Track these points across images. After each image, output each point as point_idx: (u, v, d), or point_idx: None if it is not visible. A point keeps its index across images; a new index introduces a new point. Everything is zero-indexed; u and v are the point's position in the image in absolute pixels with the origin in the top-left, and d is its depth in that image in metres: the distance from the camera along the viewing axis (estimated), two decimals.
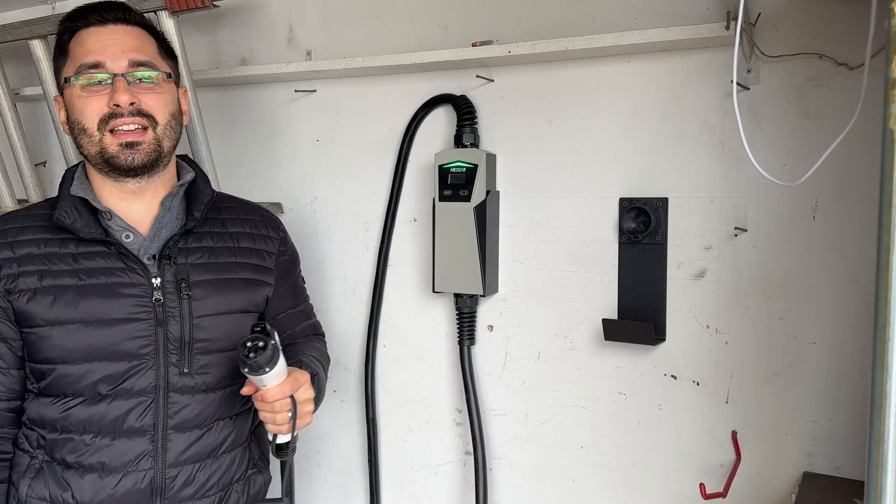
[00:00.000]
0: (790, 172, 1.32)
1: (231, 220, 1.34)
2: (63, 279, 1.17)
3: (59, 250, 1.19)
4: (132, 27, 1.24)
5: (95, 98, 1.18)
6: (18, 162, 1.99)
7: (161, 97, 1.22)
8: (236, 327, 1.27)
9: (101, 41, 1.20)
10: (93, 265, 1.18)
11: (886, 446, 0.77)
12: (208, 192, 1.31)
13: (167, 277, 1.21)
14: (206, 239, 1.28)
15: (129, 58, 1.20)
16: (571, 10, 1.50)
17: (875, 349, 0.78)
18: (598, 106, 1.49)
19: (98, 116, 1.18)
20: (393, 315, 1.76)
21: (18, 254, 1.18)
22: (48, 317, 1.15)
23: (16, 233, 1.20)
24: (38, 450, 1.20)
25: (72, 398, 1.18)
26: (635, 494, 1.52)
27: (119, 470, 1.18)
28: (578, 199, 1.53)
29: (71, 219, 1.19)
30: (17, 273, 1.17)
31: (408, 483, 1.78)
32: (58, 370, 1.17)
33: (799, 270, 1.34)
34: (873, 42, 1.03)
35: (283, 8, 1.84)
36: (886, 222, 0.77)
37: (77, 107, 1.19)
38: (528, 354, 1.61)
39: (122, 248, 1.20)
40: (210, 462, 1.24)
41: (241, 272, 1.30)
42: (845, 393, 1.32)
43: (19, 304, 1.16)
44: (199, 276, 1.24)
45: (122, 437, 1.18)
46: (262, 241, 1.36)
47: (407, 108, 1.69)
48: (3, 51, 1.98)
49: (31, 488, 1.18)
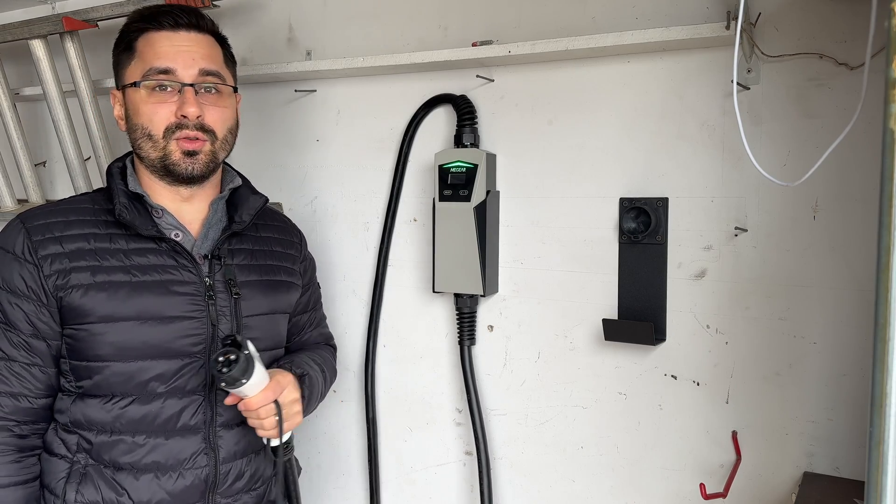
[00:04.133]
0: (790, 172, 1.32)
1: (262, 225, 1.36)
2: (116, 275, 1.16)
3: (110, 245, 1.18)
4: (203, 34, 1.23)
5: (164, 105, 1.18)
6: (18, 162, 1.99)
7: (223, 112, 1.24)
8: (276, 327, 1.32)
9: (174, 46, 1.19)
10: (145, 262, 1.18)
11: (886, 446, 0.77)
12: (260, 198, 1.32)
13: (217, 277, 1.22)
14: (247, 241, 1.31)
15: (199, 66, 1.20)
16: (571, 10, 1.50)
17: (875, 349, 0.78)
18: (598, 106, 1.49)
19: (165, 125, 1.18)
20: (393, 315, 1.76)
21: (68, 248, 1.16)
22: (103, 313, 1.14)
23: (62, 227, 1.18)
24: (81, 453, 1.18)
25: (122, 398, 1.17)
26: (635, 494, 1.52)
27: (175, 468, 1.18)
28: (578, 199, 1.53)
29: (131, 215, 1.18)
30: (69, 268, 1.14)
31: (408, 483, 1.78)
32: (110, 368, 1.15)
33: (799, 270, 1.34)
34: (873, 42, 1.03)
35: (283, 8, 1.84)
36: (886, 222, 0.77)
37: (144, 112, 1.19)
38: (528, 354, 1.61)
39: (176, 245, 1.20)
40: (254, 457, 1.28)
41: (278, 274, 1.34)
42: (845, 393, 1.32)
43: (71, 300, 1.14)
44: (243, 276, 1.26)
45: (176, 436, 1.18)
46: (290, 245, 1.40)
47: (407, 108, 1.69)
48: (3, 51, 1.98)
49: (79, 493, 1.16)
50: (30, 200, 2.02)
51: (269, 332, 1.29)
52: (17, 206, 2.04)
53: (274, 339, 1.32)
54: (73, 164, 1.92)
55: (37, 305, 1.15)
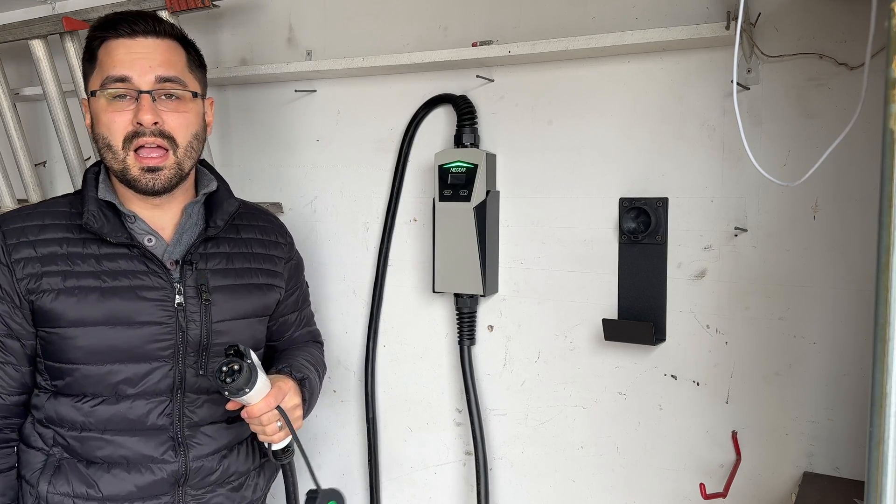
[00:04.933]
0: (790, 172, 1.32)
1: (244, 226, 1.36)
2: (87, 280, 1.17)
3: (82, 251, 1.19)
4: (162, 39, 1.22)
5: (120, 114, 1.18)
6: (18, 162, 1.99)
7: (184, 117, 1.22)
8: (250, 331, 1.32)
9: (130, 54, 1.19)
10: (116, 267, 1.19)
11: (886, 446, 0.77)
12: (234, 203, 1.32)
13: (188, 282, 1.23)
14: (224, 245, 1.31)
15: (156, 73, 1.19)
16: (571, 10, 1.50)
17: (875, 349, 0.78)
18: (598, 106, 1.49)
19: (123, 134, 1.18)
20: (393, 315, 1.76)
21: (41, 253, 1.17)
22: (73, 317, 1.16)
23: (37, 231, 1.19)
24: (56, 447, 1.21)
25: (93, 398, 1.19)
26: (635, 494, 1.52)
27: (144, 464, 1.20)
28: (578, 199, 1.53)
29: (99, 223, 1.19)
30: (41, 273, 1.16)
31: (408, 483, 1.78)
32: (80, 370, 1.18)
33: (799, 270, 1.34)
34: (873, 42, 1.03)
35: (283, 8, 1.84)
36: (886, 222, 0.77)
37: (102, 121, 1.19)
38: (528, 354, 1.61)
39: (146, 251, 1.21)
40: (228, 453, 1.29)
41: (255, 277, 1.33)
42: (845, 393, 1.32)
43: (42, 304, 1.16)
44: (217, 281, 1.27)
45: (144, 435, 1.20)
46: (273, 246, 1.39)
47: (407, 108, 1.69)
48: (3, 51, 1.98)
49: (52, 485, 1.19)
50: (30, 200, 2.02)
51: (243, 336, 1.29)
52: (18, 205, 2.03)
53: (249, 342, 1.31)
54: (73, 164, 1.91)
55: (10, 307, 1.17)
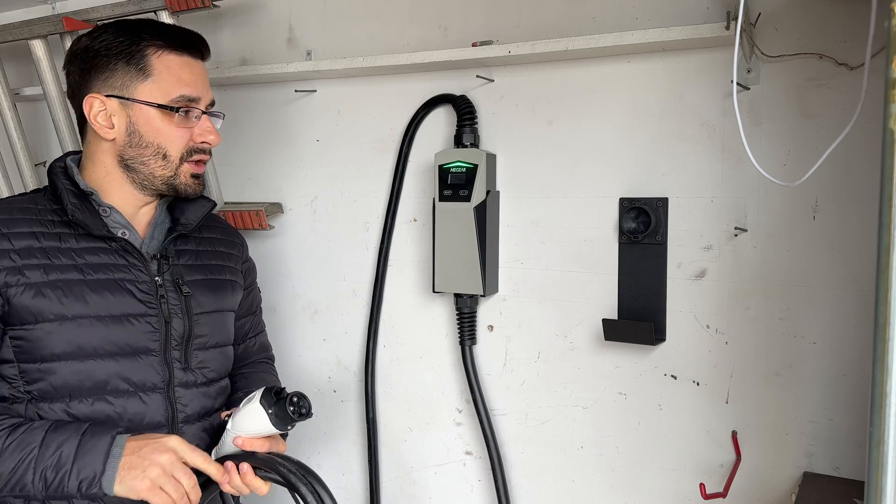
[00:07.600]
0: (790, 172, 1.32)
1: (205, 226, 1.38)
2: (70, 273, 1.15)
3: (60, 244, 1.16)
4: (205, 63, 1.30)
5: (188, 131, 1.23)
6: (18, 162, 1.99)
7: None
8: (225, 324, 1.34)
9: (195, 76, 1.24)
10: (96, 260, 1.18)
11: (886, 446, 0.77)
12: (209, 202, 1.35)
13: (166, 276, 1.24)
14: (191, 242, 1.33)
15: (211, 97, 1.27)
16: (571, 10, 1.50)
17: (875, 349, 0.78)
18: (598, 106, 1.49)
19: (185, 148, 1.23)
20: (393, 315, 1.76)
21: (17, 246, 1.13)
22: (58, 311, 1.12)
23: (9, 224, 1.15)
24: None
25: (78, 401, 1.14)
26: (635, 494, 1.52)
27: None
28: (578, 199, 1.53)
29: (83, 215, 1.18)
30: (19, 266, 1.12)
31: (408, 483, 1.78)
32: (66, 367, 1.13)
33: (799, 270, 1.34)
34: (873, 42, 1.03)
35: (283, 8, 1.83)
36: (886, 222, 0.77)
37: (166, 133, 1.21)
38: (528, 354, 1.61)
39: (126, 244, 1.20)
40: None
41: (223, 274, 1.36)
42: (845, 393, 1.32)
43: (22, 299, 1.11)
44: (189, 276, 1.28)
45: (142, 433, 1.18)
46: (232, 246, 1.43)
47: (407, 108, 1.69)
48: (3, 51, 1.98)
49: None
50: None
51: (218, 329, 1.31)
52: None
53: (223, 335, 1.33)
54: None
55: None
